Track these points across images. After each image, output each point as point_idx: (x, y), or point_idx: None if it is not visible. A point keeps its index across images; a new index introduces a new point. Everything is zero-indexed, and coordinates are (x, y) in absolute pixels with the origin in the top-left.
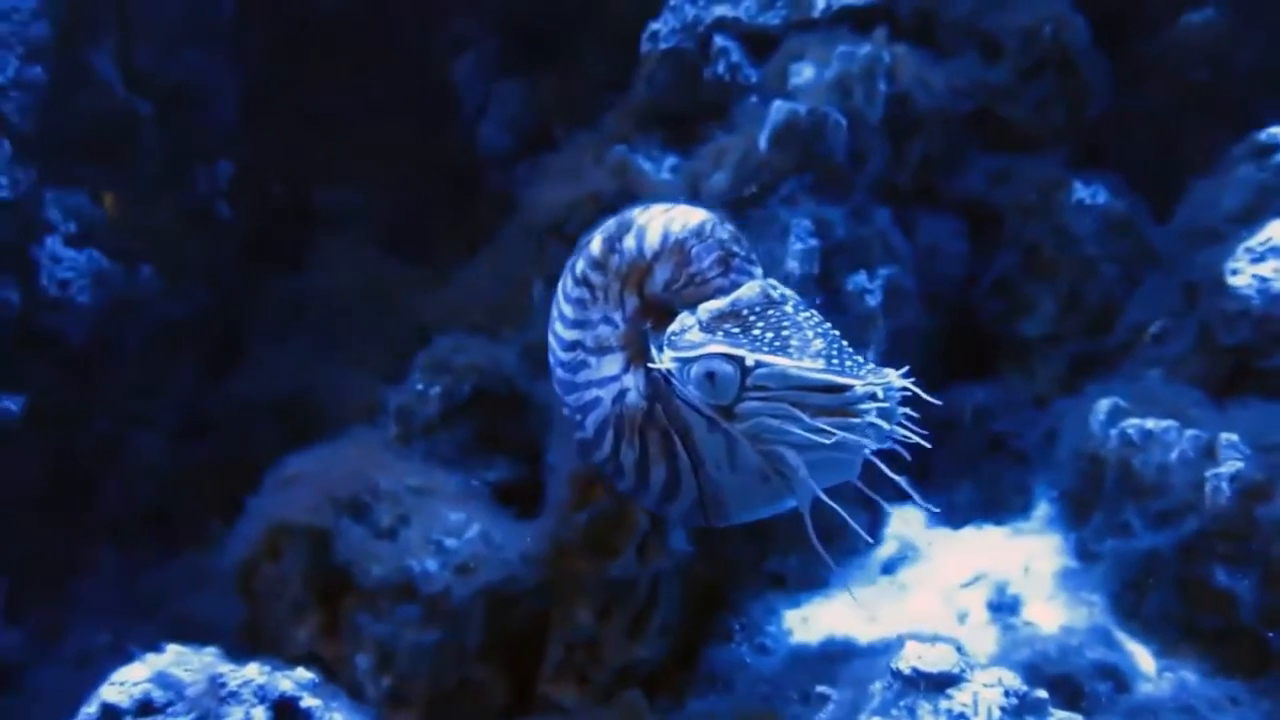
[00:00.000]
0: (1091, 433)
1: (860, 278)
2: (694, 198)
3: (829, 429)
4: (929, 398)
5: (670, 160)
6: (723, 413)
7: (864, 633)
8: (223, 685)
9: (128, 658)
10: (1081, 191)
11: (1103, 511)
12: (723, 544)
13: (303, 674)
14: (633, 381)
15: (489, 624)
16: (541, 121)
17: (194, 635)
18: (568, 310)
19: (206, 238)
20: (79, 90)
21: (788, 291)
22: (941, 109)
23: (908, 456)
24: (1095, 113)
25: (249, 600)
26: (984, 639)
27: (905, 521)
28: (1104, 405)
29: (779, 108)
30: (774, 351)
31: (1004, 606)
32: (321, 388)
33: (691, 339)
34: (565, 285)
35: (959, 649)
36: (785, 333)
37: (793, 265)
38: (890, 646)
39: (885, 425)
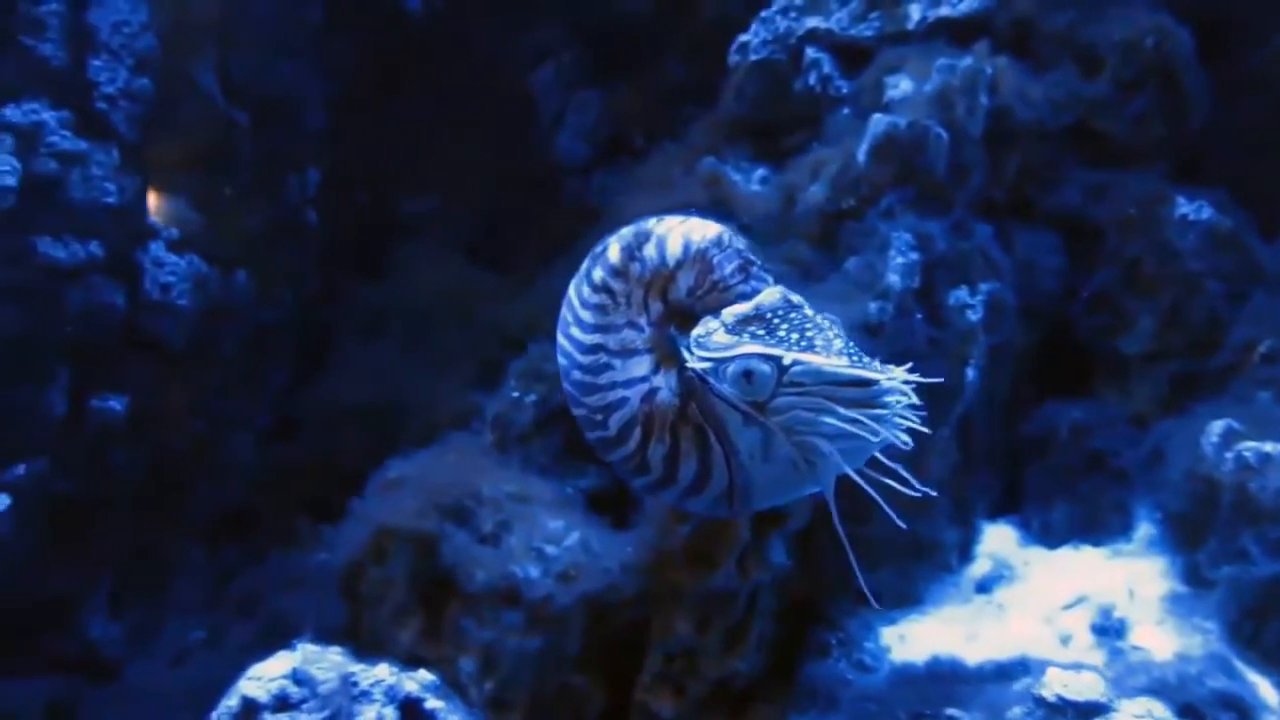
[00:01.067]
0: (1204, 455)
1: (961, 292)
2: (789, 209)
3: (861, 419)
4: (923, 393)
5: (760, 172)
6: (757, 407)
7: (969, 653)
8: (354, 684)
9: (224, 655)
10: (1185, 206)
11: (1217, 536)
12: (818, 558)
13: (425, 676)
14: (663, 381)
15: (588, 632)
16: (619, 131)
17: (289, 635)
18: (586, 315)
19: (294, 244)
20: (181, 101)
21: (800, 297)
22: (1039, 122)
23: (908, 444)
24: (1196, 126)
25: (352, 602)
26: (1092, 662)
27: (998, 539)
28: (1217, 427)
29: (878, 121)
30: (804, 350)
31: (1110, 630)
32: (406, 393)
33: (720, 340)
34: (582, 292)
35: (1104, 678)
36: (810, 333)
37: (893, 279)
38: (1003, 669)
39: (904, 417)
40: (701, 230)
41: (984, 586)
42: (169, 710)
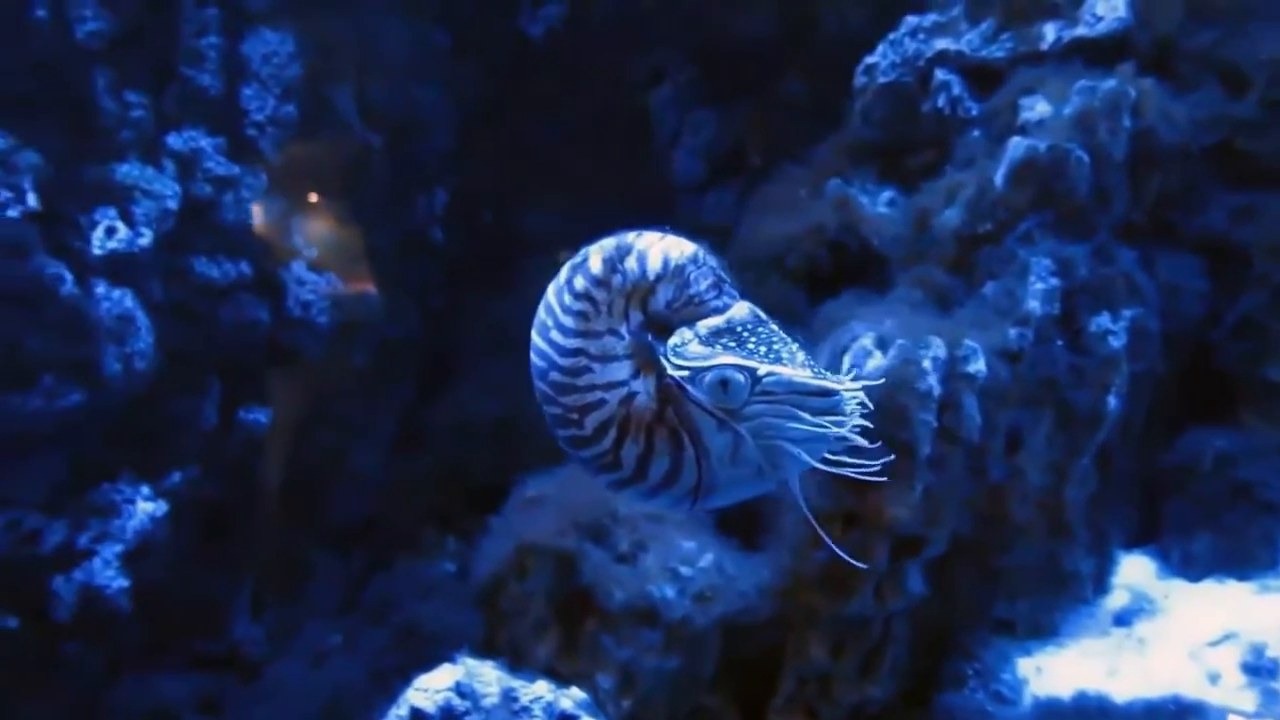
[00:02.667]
0: None
1: (1103, 319)
2: (921, 233)
3: (825, 424)
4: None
5: (887, 194)
6: (730, 414)
7: (1114, 689)
8: (515, 700)
9: (360, 659)
10: None
11: None
12: (954, 587)
13: (577, 694)
14: (641, 386)
15: (723, 653)
16: (735, 150)
17: (423, 644)
18: (568, 321)
19: (422, 262)
20: (322, 125)
21: (765, 314)
22: (1183, 144)
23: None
24: None
25: (491, 615)
26: (1244, 704)
27: (1135, 570)
28: None
29: (1017, 144)
30: (773, 362)
31: (1263, 670)
32: (531, 407)
33: (695, 351)
34: (562, 298)
35: None
36: (776, 346)
37: (1033, 305)
38: (1154, 708)
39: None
40: (679, 248)
41: (1123, 619)
42: (309, 710)
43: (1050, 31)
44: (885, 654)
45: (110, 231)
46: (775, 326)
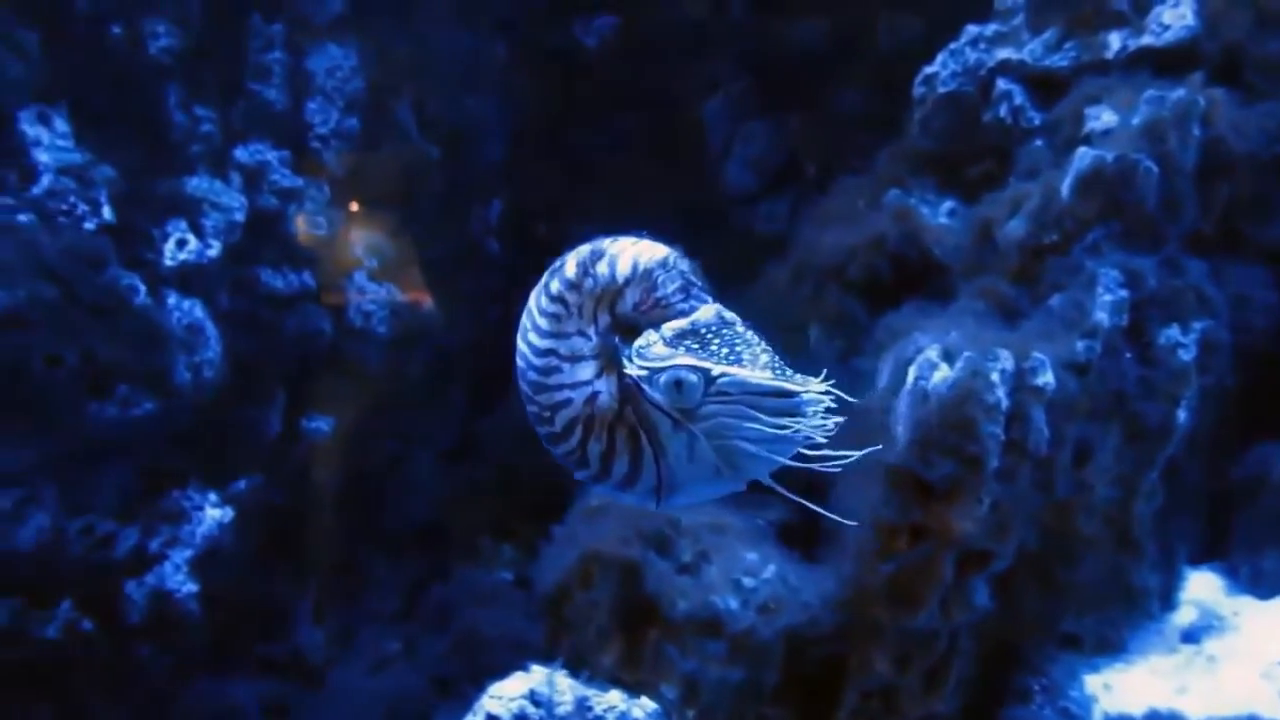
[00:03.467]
0: None
1: (1173, 331)
2: (984, 243)
3: (783, 425)
4: (849, 399)
5: (947, 204)
6: (685, 414)
7: (1186, 707)
8: (589, 708)
9: (420, 666)
10: None
11: None
12: (1019, 602)
13: (648, 704)
14: (605, 386)
15: (787, 665)
16: (788, 161)
17: (483, 650)
18: (542, 323)
19: (477, 273)
20: (382, 138)
21: (734, 315)
22: (1252, 153)
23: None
24: None
25: (554, 623)
26: None
27: (1203, 586)
28: None
29: (1084, 154)
30: (732, 363)
31: None
32: None
33: (658, 352)
34: (540, 301)
35: None
36: (738, 348)
37: (1100, 316)
38: None
39: (820, 424)
40: (650, 252)
41: (1191, 636)
42: (373, 716)
43: (1115, 40)
44: (950, 668)
45: (181, 243)
46: (742, 328)
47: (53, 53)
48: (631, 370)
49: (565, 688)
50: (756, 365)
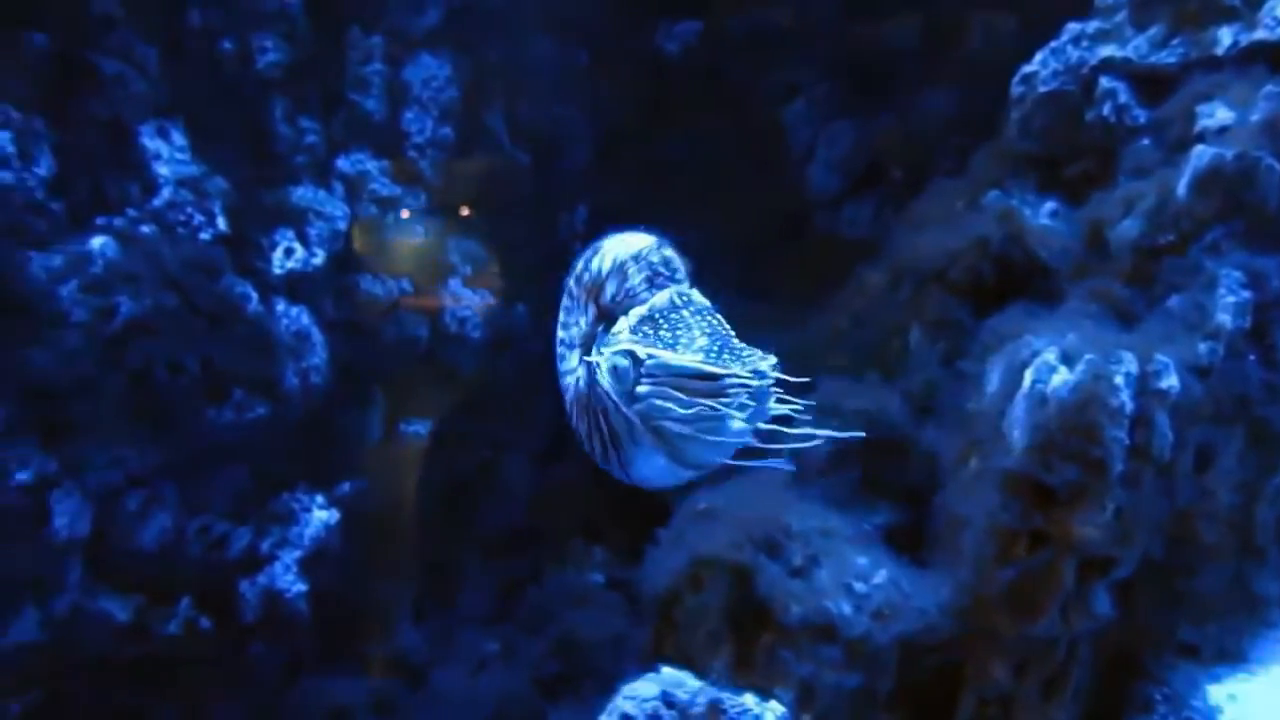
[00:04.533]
0: None
1: None
2: (1095, 244)
3: (707, 405)
4: (799, 382)
5: (1048, 205)
6: (624, 398)
7: None
8: (722, 711)
9: (519, 668)
10: None
11: None
12: (1140, 609)
13: (778, 707)
14: (582, 372)
15: (901, 671)
16: (872, 163)
17: (582, 652)
18: (560, 314)
19: (564, 277)
20: (475, 146)
21: (696, 297)
22: None
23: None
24: None
25: (663, 625)
26: None
27: None
28: None
29: (1202, 153)
30: (665, 347)
31: None
32: None
33: (619, 339)
34: (560, 296)
35: None
36: (679, 331)
37: (1223, 318)
38: None
39: (754, 405)
40: (626, 246)
41: None
42: (478, 716)
43: (1226, 36)
44: (1069, 676)
45: (288, 252)
46: (689, 312)
47: (169, 69)
48: (590, 358)
49: (695, 688)
50: (690, 348)
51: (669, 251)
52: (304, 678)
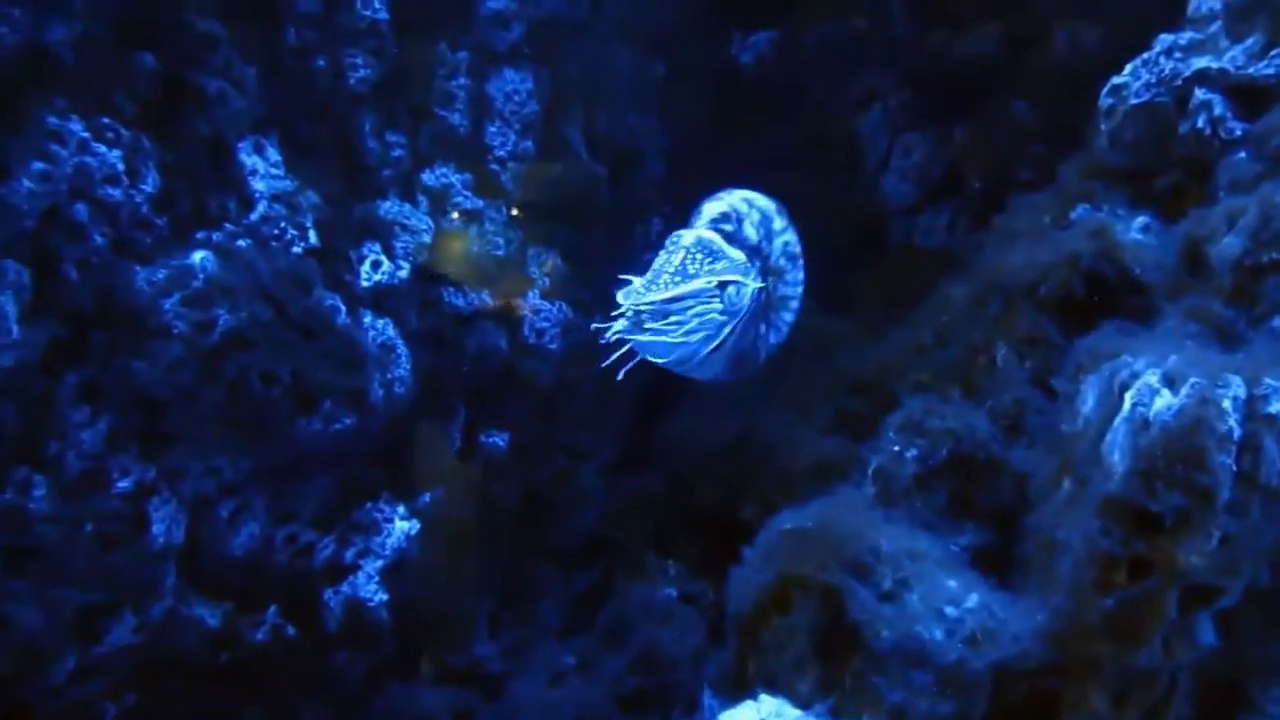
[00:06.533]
0: None
1: None
2: (1193, 261)
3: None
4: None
5: (1140, 219)
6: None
7: None
8: None
9: (598, 682)
10: None
11: None
12: (1245, 639)
13: None
14: None
15: (996, 699)
16: (948, 172)
17: (661, 669)
18: None
19: None
20: (555, 158)
21: (689, 249)
22: None
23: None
24: None
25: (747, 646)
26: None
27: None
28: None
29: None
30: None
31: None
32: (757, 434)
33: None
34: None
35: None
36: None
37: None
38: None
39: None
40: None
41: None
42: None
43: None
44: (1170, 707)
45: (375, 265)
46: (665, 254)
47: (265, 86)
48: None
49: (794, 717)
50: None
51: (713, 242)
52: (385, 686)
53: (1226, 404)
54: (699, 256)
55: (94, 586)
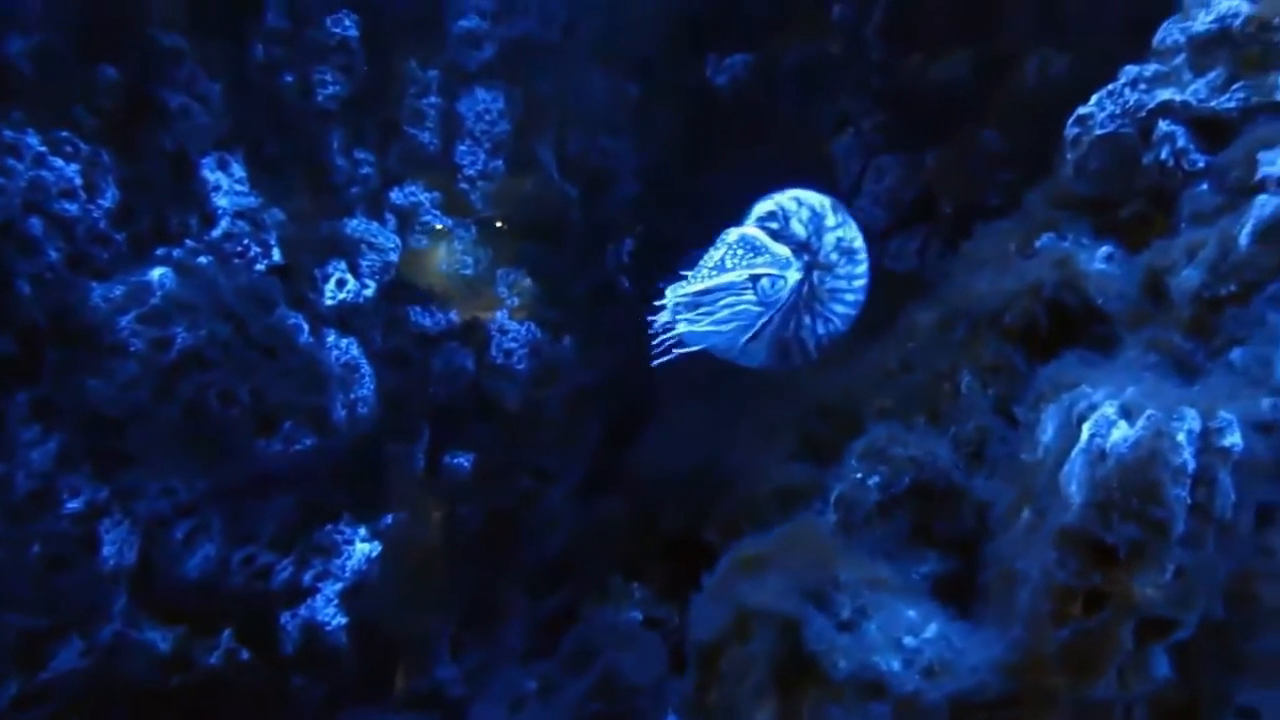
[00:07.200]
0: None
1: None
2: (1153, 292)
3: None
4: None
5: (1104, 249)
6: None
7: None
8: None
9: (558, 708)
10: None
11: None
12: (1198, 671)
13: None
14: None
15: None
16: (920, 197)
17: (622, 696)
18: None
19: (610, 310)
20: (526, 177)
21: (730, 245)
22: None
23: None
24: None
25: (708, 676)
26: None
27: None
28: None
29: (1265, 202)
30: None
31: None
32: (724, 459)
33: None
34: None
35: None
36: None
37: None
38: None
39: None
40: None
41: None
42: None
43: None
44: None
45: (340, 283)
46: (717, 250)
47: (231, 101)
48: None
49: None
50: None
51: (760, 242)
52: (344, 710)
53: (1181, 437)
54: (740, 252)
55: (40, 610)
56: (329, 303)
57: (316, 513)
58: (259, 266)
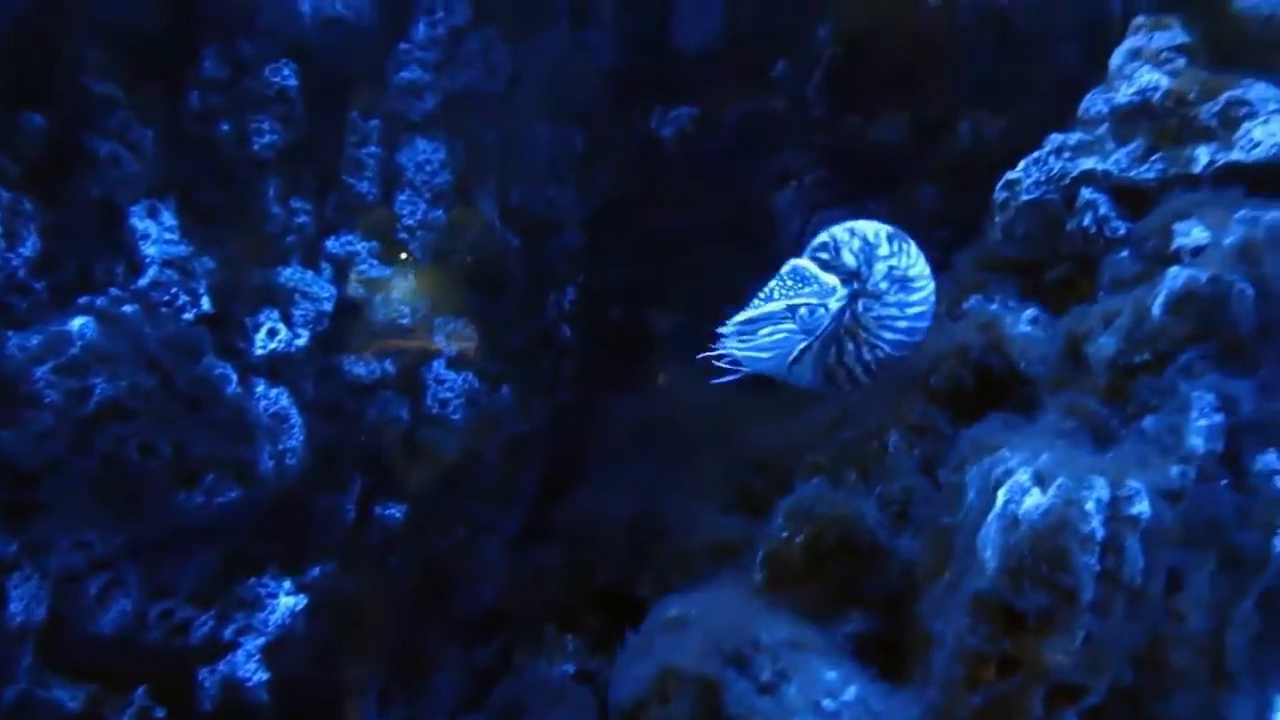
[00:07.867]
0: None
1: (1270, 457)
2: (1073, 358)
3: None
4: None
5: (1029, 312)
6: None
7: None
8: None
9: None
10: None
11: None
12: None
13: None
14: None
15: None
16: None
17: None
18: None
19: (550, 359)
20: (467, 227)
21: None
22: None
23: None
24: None
25: None
26: None
27: None
28: None
29: (1176, 274)
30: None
31: None
32: (659, 510)
33: None
34: None
35: None
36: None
37: (1195, 442)
38: None
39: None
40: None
41: None
42: None
43: (1204, 155)
44: None
45: (272, 333)
46: (773, 283)
47: (165, 149)
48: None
49: None
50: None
51: (809, 272)
52: None
53: (1090, 505)
54: (790, 282)
55: None
56: (260, 352)
57: (240, 565)
58: (187, 315)
